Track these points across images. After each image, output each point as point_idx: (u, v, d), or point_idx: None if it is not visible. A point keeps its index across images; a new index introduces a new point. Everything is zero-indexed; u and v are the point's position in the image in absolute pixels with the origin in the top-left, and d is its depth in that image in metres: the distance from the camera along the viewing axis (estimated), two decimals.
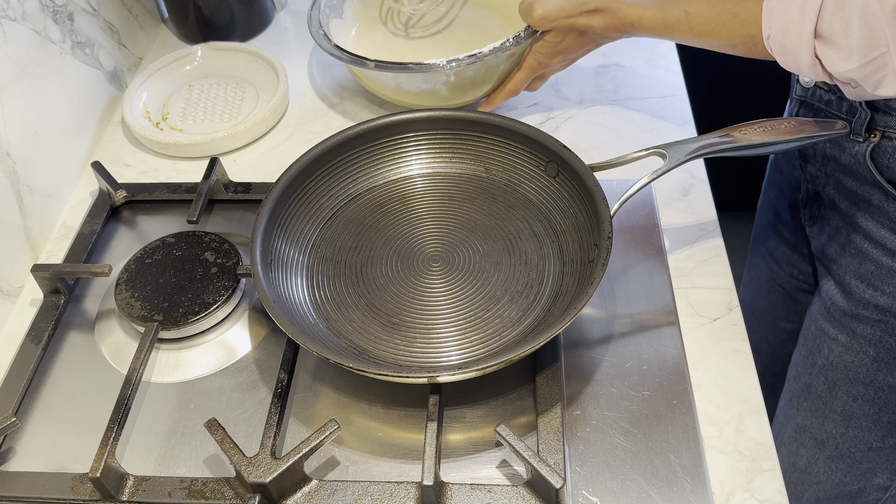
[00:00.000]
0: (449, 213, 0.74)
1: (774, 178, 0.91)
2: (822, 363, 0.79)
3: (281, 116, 0.92)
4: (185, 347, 0.69)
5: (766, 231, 0.96)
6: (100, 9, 0.92)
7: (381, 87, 0.86)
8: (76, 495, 0.59)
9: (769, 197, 0.93)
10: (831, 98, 0.71)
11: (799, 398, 0.84)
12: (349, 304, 0.67)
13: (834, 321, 0.77)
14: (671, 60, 0.95)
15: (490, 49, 0.79)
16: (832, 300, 0.77)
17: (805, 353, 0.83)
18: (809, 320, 0.82)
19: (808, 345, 0.82)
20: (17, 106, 0.77)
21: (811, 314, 0.82)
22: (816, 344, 0.80)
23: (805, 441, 0.85)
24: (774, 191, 0.91)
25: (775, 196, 0.91)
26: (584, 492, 0.58)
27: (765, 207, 0.95)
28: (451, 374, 0.56)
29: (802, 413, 0.84)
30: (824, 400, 0.81)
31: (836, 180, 0.74)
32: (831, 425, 0.81)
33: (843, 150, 0.70)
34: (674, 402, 0.62)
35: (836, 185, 0.74)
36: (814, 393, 0.82)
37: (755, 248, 1.01)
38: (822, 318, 0.79)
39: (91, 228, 0.79)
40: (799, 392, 0.84)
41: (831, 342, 0.78)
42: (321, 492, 0.58)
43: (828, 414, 0.81)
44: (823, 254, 0.79)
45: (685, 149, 0.67)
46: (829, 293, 0.78)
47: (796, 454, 0.87)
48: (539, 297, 0.66)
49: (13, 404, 0.65)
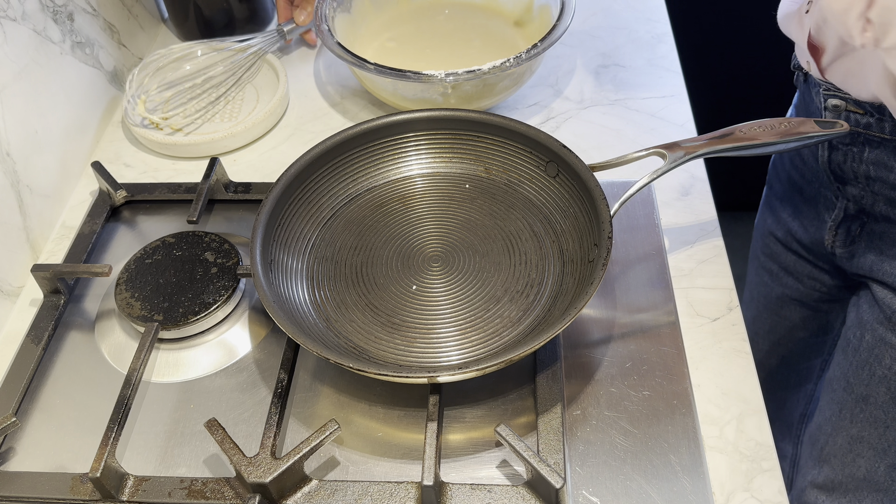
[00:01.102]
0: (449, 213, 0.74)
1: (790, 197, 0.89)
2: (884, 373, 0.78)
3: (281, 116, 0.92)
4: (185, 347, 0.69)
5: (776, 248, 0.94)
6: (100, 9, 0.92)
7: (379, 89, 0.87)
8: (76, 495, 0.59)
9: (780, 216, 0.91)
10: (870, 121, 0.69)
11: (853, 409, 0.82)
12: (349, 304, 0.67)
13: None
14: (671, 60, 0.95)
15: (489, 67, 0.79)
16: (893, 309, 0.75)
17: (858, 364, 0.81)
18: (861, 330, 0.80)
19: (861, 356, 0.80)
20: (17, 106, 0.77)
21: (863, 323, 0.80)
22: (875, 354, 0.78)
23: (862, 451, 0.83)
24: (789, 210, 0.89)
25: (791, 216, 0.89)
26: (584, 492, 0.58)
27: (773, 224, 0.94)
28: (451, 374, 0.56)
29: (858, 424, 0.82)
30: (886, 410, 0.79)
31: (885, 197, 0.73)
32: (893, 434, 0.79)
33: (890, 170, 0.70)
34: (674, 402, 0.62)
35: (886, 200, 0.73)
36: (873, 404, 0.80)
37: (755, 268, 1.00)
38: (881, 326, 0.77)
39: (91, 228, 0.79)
40: (853, 404, 0.82)
41: (894, 351, 0.76)
42: (321, 492, 0.58)
43: (889, 423, 0.79)
44: (871, 269, 0.77)
45: (685, 149, 0.67)
46: (889, 302, 0.76)
47: (853, 464, 0.84)
48: (539, 297, 0.66)
49: (13, 404, 0.65)
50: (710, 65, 1.53)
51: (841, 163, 0.75)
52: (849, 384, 0.83)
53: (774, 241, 0.94)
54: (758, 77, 1.58)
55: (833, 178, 0.78)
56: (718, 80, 1.57)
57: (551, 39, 0.82)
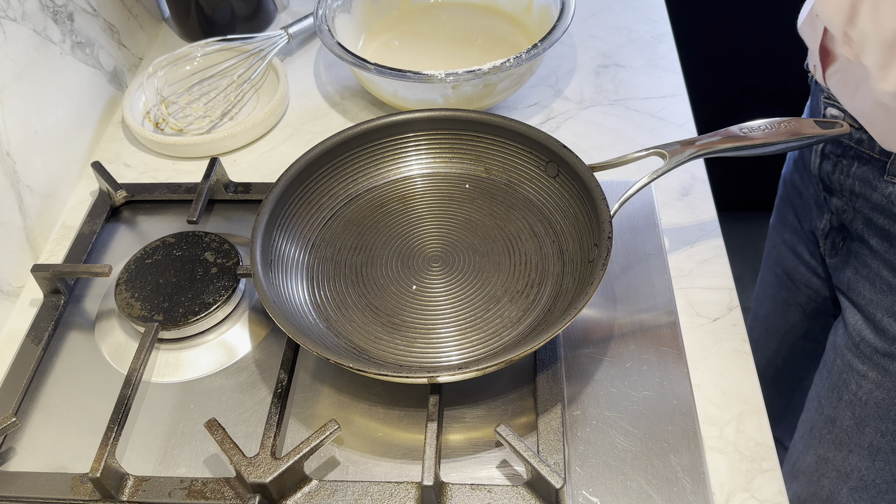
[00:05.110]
0: (449, 213, 0.74)
1: (792, 199, 0.89)
2: (850, 398, 0.78)
3: (281, 116, 0.92)
4: (185, 347, 0.69)
5: (782, 251, 0.94)
6: (100, 9, 0.92)
7: (380, 90, 0.87)
8: (76, 495, 0.59)
9: (787, 218, 0.91)
10: (862, 137, 0.69)
11: (821, 430, 0.82)
12: (349, 304, 0.67)
13: (864, 357, 0.75)
14: (671, 60, 0.95)
15: (489, 67, 0.79)
16: (861, 336, 0.75)
17: (829, 386, 0.81)
18: (834, 353, 0.80)
19: (832, 378, 0.80)
20: (17, 106, 0.77)
21: (836, 347, 0.80)
22: (843, 378, 0.78)
23: (827, 472, 0.83)
24: (794, 213, 0.89)
25: (795, 219, 0.89)
26: (584, 492, 0.58)
27: (781, 227, 0.94)
28: (451, 374, 0.56)
29: (825, 445, 0.82)
30: (850, 434, 0.79)
31: (865, 216, 0.72)
32: (856, 459, 0.79)
33: (874, 189, 0.69)
34: (674, 402, 0.62)
35: (865, 220, 0.72)
36: (839, 427, 0.80)
37: (769, 267, 1.00)
38: (849, 353, 0.77)
39: (91, 228, 0.79)
40: (822, 424, 0.82)
41: (860, 378, 0.76)
42: (321, 492, 0.58)
43: (853, 448, 0.79)
44: (849, 287, 0.77)
45: (685, 149, 0.67)
46: (858, 328, 0.75)
47: (818, 484, 0.84)
48: (539, 297, 0.66)
49: (13, 404, 0.65)
50: (710, 65, 1.53)
51: (830, 172, 0.75)
52: (820, 404, 0.83)
53: (781, 243, 0.94)
54: (758, 77, 1.58)
55: (822, 186, 0.78)
56: (718, 80, 1.57)
57: (551, 39, 0.82)
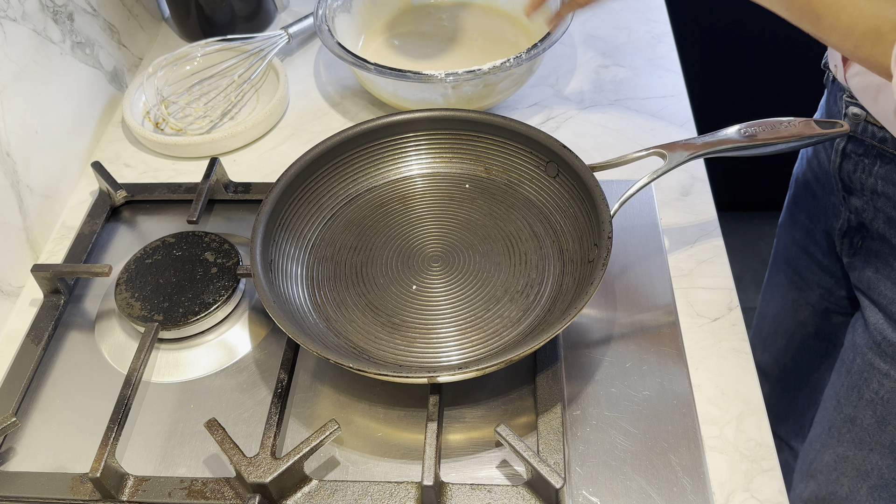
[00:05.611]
0: (449, 213, 0.74)
1: (805, 199, 0.89)
2: (871, 397, 0.77)
3: (281, 116, 0.92)
4: (185, 347, 0.69)
5: (793, 250, 0.94)
6: (100, 9, 0.92)
7: (380, 90, 0.87)
8: (76, 495, 0.59)
9: (798, 218, 0.91)
10: (886, 135, 0.68)
11: (840, 429, 0.82)
12: (349, 304, 0.67)
13: (885, 356, 0.75)
14: (671, 60, 0.95)
15: (489, 67, 0.79)
16: (882, 335, 0.75)
17: (849, 385, 0.80)
18: (854, 352, 0.80)
19: (852, 377, 0.80)
20: (17, 106, 0.77)
21: (856, 346, 0.79)
22: (864, 377, 0.78)
23: (846, 471, 0.83)
24: (806, 213, 0.89)
25: (808, 218, 0.89)
26: (584, 492, 0.58)
27: (792, 226, 0.93)
28: (451, 374, 0.56)
29: (844, 444, 0.82)
30: (871, 433, 0.79)
31: (886, 215, 0.72)
32: (877, 457, 0.79)
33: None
34: (674, 402, 0.62)
35: (886, 219, 0.72)
36: (859, 426, 0.80)
37: (778, 266, 0.99)
38: (871, 352, 0.77)
39: (91, 228, 0.79)
40: (840, 423, 0.82)
41: (882, 377, 0.76)
42: (321, 492, 0.58)
43: (874, 447, 0.79)
44: (869, 286, 0.77)
45: (685, 149, 0.67)
46: (879, 327, 0.75)
47: (836, 482, 0.84)
48: (539, 297, 0.66)
49: (13, 404, 0.65)
50: (710, 65, 1.53)
51: (851, 172, 0.74)
52: (839, 403, 0.83)
53: (792, 243, 0.94)
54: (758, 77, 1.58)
55: (841, 185, 0.77)
56: (718, 80, 1.57)
57: (551, 39, 0.82)
